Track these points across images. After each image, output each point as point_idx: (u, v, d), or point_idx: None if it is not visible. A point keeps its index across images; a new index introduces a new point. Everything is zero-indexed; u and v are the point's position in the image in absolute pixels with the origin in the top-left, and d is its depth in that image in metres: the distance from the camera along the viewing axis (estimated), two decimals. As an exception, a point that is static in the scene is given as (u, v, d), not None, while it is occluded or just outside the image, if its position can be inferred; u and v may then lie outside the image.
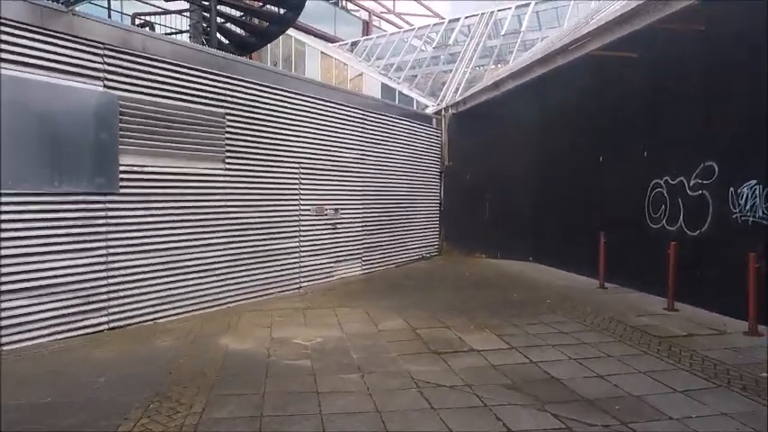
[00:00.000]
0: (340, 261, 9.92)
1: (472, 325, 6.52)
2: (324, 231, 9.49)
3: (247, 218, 7.90)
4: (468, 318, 6.86)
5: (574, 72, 9.74)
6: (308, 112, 9.14)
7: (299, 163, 8.90)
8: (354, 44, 22.10)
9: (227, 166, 7.59)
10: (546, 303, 7.75)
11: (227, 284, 7.58)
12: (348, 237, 10.14)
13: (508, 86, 11.48)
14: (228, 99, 7.59)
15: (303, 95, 9.01)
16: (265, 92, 8.24)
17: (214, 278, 7.38)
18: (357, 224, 10.42)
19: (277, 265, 8.49)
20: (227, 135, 7.57)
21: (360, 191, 10.53)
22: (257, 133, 8.07)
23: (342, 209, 9.98)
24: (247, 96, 7.90)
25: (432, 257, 12.75)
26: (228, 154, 7.60)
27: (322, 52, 19.06)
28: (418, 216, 12.65)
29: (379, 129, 11.24)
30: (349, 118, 10.23)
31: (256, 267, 8.09)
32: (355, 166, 10.41)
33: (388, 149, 11.48)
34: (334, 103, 9.78)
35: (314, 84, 9.92)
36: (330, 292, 8.70)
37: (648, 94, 8.57)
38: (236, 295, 7.73)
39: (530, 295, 8.33)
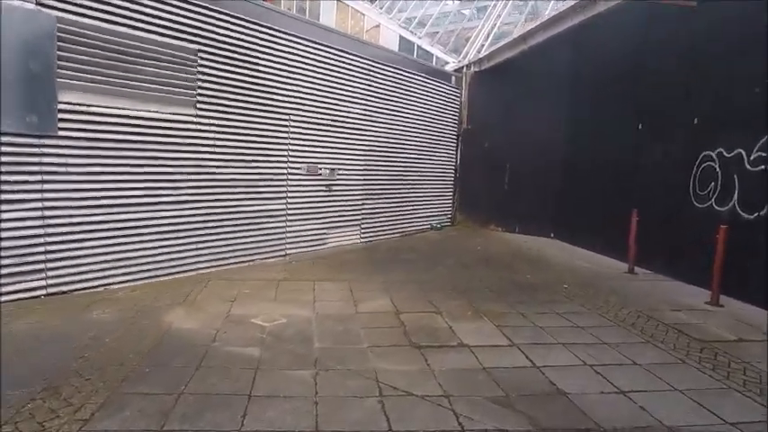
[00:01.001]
0: (335, 227, 8.94)
1: (469, 311, 5.48)
2: (316, 193, 8.48)
3: (222, 173, 6.92)
4: (467, 301, 5.82)
5: (616, 21, 8.24)
6: (303, 57, 7.97)
7: (288, 115, 7.81)
8: (375, -7, 20.43)
9: (199, 113, 6.57)
10: (563, 288, 6.63)
11: (196, 249, 6.69)
12: (345, 201, 9.11)
13: (537, 40, 9.96)
14: (203, 33, 6.49)
15: (296, 37, 7.83)
16: (249, 28, 7.09)
17: (180, 241, 6.49)
18: (357, 187, 9.37)
19: (258, 230, 7.55)
20: (200, 76, 6.51)
21: (363, 150, 9.42)
22: (237, 76, 6.98)
23: (340, 169, 8.92)
24: (226, 32, 6.78)
25: (443, 228, 11.65)
26: (200, 98, 6.56)
27: (338, 0, 17.57)
28: (430, 182, 11.50)
29: (390, 84, 9.99)
30: (354, 68, 9.02)
31: (233, 231, 7.16)
32: (360, 122, 9.26)
33: (399, 107, 10.26)
34: (335, 49, 8.57)
35: (310, 24, 8.68)
36: (319, 262, 7.75)
37: (703, 49, 7.07)
38: (208, 262, 6.86)
39: (545, 277, 7.21)
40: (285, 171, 7.89)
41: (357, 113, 9.19)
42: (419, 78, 10.82)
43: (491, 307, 5.67)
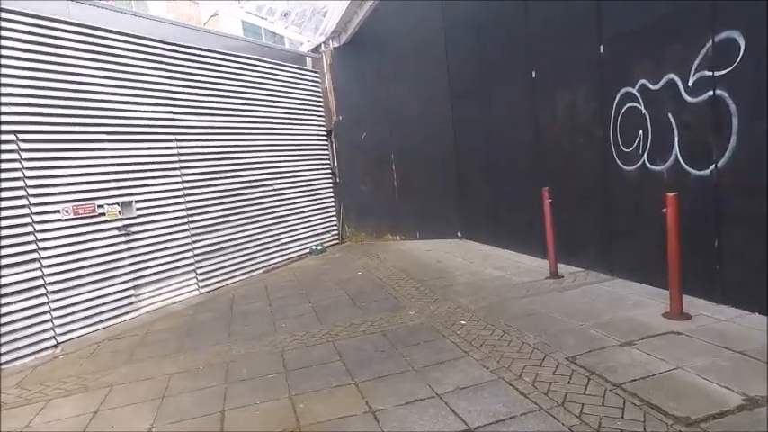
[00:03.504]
0: (148, 284, 6.13)
1: (286, 423, 2.96)
2: (98, 243, 5.65)
3: None
4: (291, 398, 3.30)
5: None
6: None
7: (14, 132, 4.97)
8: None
9: None
10: (459, 328, 4.28)
11: None
12: (161, 243, 6.34)
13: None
14: None
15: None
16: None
17: None
18: (178, 220, 6.62)
19: (-21, 321, 4.64)
20: None
21: (183, 168, 6.71)
22: None
23: (144, 200, 6.15)
24: None
25: (325, 249, 9.13)
26: None
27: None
28: (301, 195, 8.96)
29: (221, 76, 7.37)
30: (156, 59, 6.33)
31: None
32: (168, 130, 6.55)
33: (241, 106, 7.65)
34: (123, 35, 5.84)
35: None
36: (103, 350, 4.94)
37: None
38: None
39: (437, 310, 4.85)
40: (28, 216, 5.01)
41: (162, 119, 6.47)
42: (262, 65, 8.27)
43: (327, 404, 3.18)
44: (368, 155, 9.67)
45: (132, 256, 5.93)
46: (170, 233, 6.47)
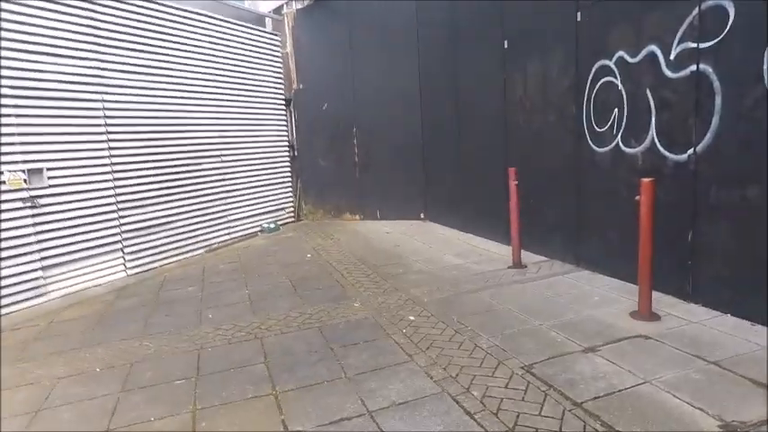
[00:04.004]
0: (61, 264, 5.39)
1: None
2: (-1, 216, 4.86)
3: None
4: (194, 411, 2.74)
5: None
6: None
7: None
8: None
9: None
10: (407, 327, 3.78)
11: None
12: (77, 218, 5.57)
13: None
14: None
15: None
16: None
17: None
18: (103, 192, 5.85)
19: None
20: None
21: (110, 134, 5.89)
22: None
23: (57, 168, 5.35)
24: None
25: (278, 228, 8.49)
26: None
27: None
28: (251, 168, 8.23)
29: (163, 32, 6.49)
30: (81, 5, 5.43)
31: None
32: (93, 89, 5.71)
33: (180, 65, 6.79)
34: None
35: None
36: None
37: None
38: None
39: (386, 302, 4.33)
40: None
41: (98, 77, 5.62)
42: (217, 24, 7.40)
43: (235, 423, 2.62)
44: (329, 128, 8.97)
45: (41, 232, 5.16)
46: (91, 207, 5.70)
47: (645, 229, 3.42)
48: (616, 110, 4.21)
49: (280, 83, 8.87)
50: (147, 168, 6.37)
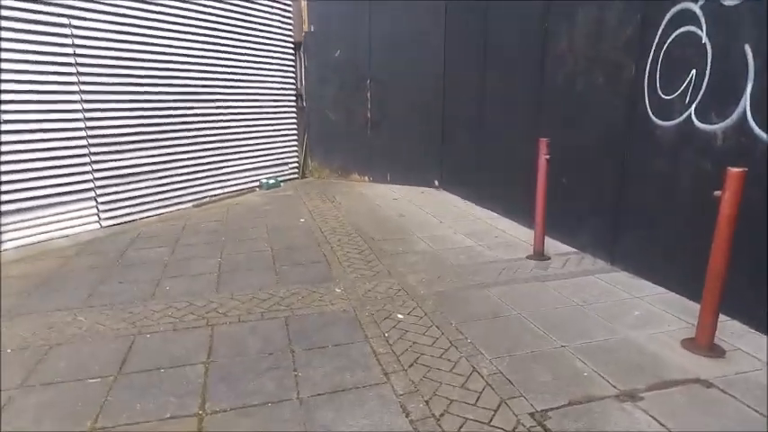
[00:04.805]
0: (15, 213, 4.75)
1: None
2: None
3: None
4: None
5: None
6: None
7: None
8: None
9: None
10: (393, 326, 3.02)
11: None
12: (39, 160, 4.89)
13: None
14: None
15: None
16: None
17: None
18: (72, 132, 5.14)
19: None
20: None
21: (80, 57, 5.12)
22: None
23: (12, 101, 4.64)
24: None
25: (278, 184, 7.74)
26: None
27: None
28: (253, 116, 7.41)
29: None
30: None
31: None
32: (56, 9, 4.90)
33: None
34: None
35: None
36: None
37: None
38: None
39: (375, 289, 3.58)
40: None
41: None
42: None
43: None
44: (341, 77, 8.01)
45: (-8, 172, 4.52)
46: (57, 147, 5.01)
47: (722, 236, 2.52)
48: (693, 71, 3.20)
49: (288, 22, 7.87)
50: (130, 108, 5.61)
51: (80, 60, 5.10)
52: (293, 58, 8.06)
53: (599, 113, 4.07)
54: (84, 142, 5.25)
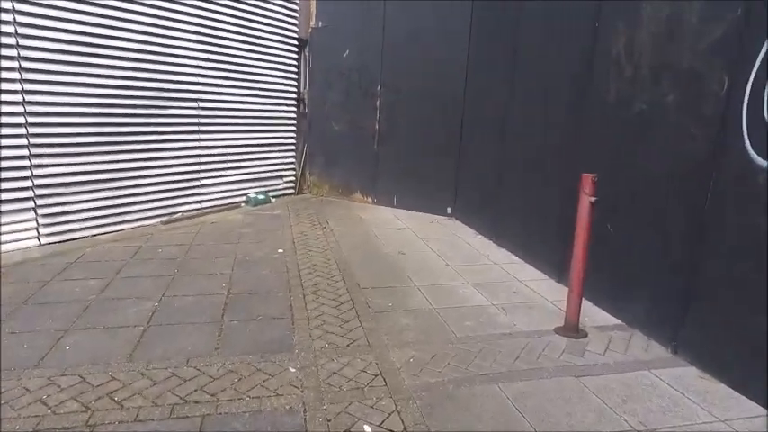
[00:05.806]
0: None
1: None
2: None
3: None
4: None
5: None
6: None
7: None
8: None
9: None
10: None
11: None
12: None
13: None
14: None
15: None
16: None
17: None
18: (7, 129, 4.28)
19: None
20: None
21: (22, 39, 4.28)
22: None
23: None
24: None
25: (269, 200, 6.79)
26: None
27: None
28: (243, 121, 6.49)
29: None
30: None
31: None
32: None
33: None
34: None
35: None
36: None
37: None
38: None
39: (342, 374, 2.54)
40: None
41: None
42: None
43: None
44: (349, 81, 7.04)
45: None
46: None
47: None
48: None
49: (293, 15, 6.97)
50: (85, 104, 4.73)
51: (23, 42, 4.24)
52: (296, 57, 7.14)
53: (668, 142, 2.99)
54: (23, 142, 4.37)
